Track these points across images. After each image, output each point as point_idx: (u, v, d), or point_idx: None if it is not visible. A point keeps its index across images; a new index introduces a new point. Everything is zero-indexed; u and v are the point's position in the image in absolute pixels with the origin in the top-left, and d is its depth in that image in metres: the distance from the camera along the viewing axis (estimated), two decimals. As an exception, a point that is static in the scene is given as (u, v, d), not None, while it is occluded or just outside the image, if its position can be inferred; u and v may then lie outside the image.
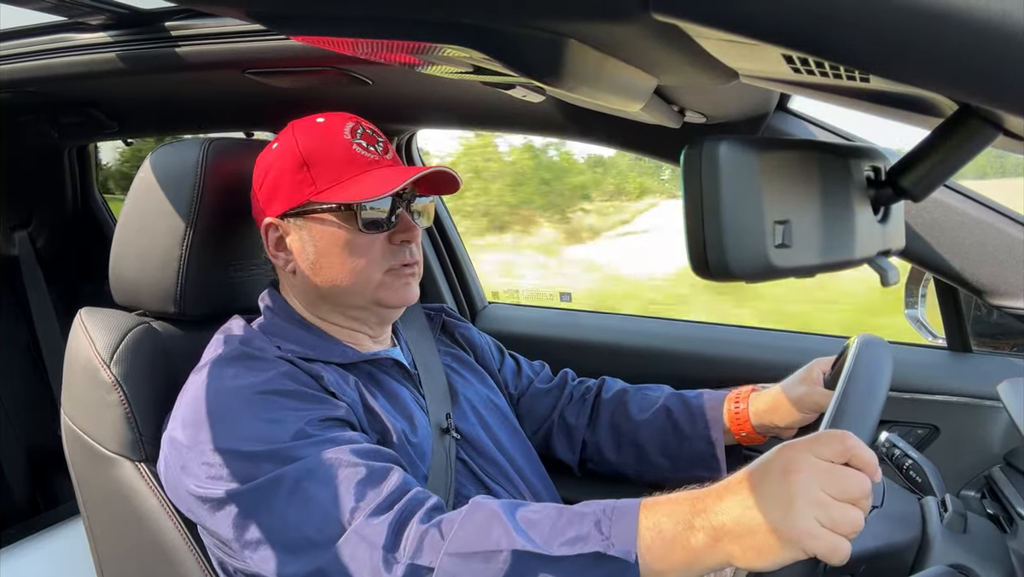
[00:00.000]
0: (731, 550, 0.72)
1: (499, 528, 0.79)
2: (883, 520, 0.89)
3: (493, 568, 0.77)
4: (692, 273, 0.49)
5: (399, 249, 1.05)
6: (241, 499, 0.88)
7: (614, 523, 0.77)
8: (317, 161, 1.02)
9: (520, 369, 1.35)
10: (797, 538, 0.69)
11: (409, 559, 0.80)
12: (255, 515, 0.87)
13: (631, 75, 0.65)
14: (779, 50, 0.46)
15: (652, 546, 0.75)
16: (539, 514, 0.82)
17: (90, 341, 1.07)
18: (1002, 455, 1.27)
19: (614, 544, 0.76)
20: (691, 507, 0.76)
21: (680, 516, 0.76)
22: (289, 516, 0.86)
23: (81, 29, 1.34)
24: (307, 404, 0.93)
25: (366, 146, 1.04)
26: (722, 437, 1.18)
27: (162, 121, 1.79)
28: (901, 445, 1.05)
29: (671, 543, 0.75)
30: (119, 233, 1.16)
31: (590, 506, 0.81)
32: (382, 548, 0.81)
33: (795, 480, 0.71)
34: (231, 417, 0.91)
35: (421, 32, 0.53)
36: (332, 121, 1.05)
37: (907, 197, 0.56)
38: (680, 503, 0.77)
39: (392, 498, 0.85)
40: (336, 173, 1.02)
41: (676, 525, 0.75)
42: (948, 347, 1.44)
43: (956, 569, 0.84)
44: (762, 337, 1.69)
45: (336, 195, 1.01)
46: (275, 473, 0.87)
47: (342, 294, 1.05)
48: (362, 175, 1.02)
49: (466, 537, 0.79)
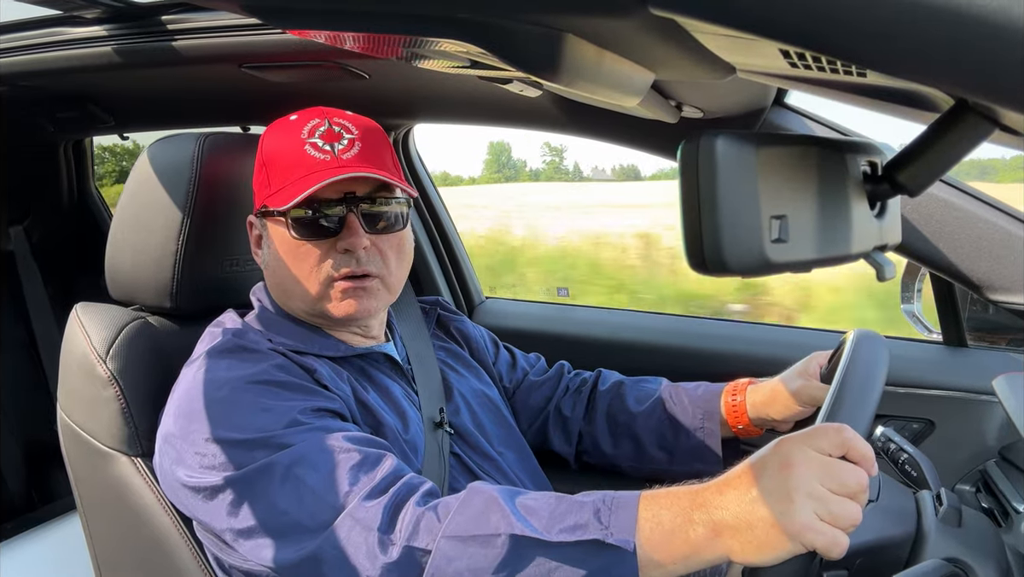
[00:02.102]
0: (730, 544, 0.73)
1: (497, 513, 0.79)
2: (879, 514, 0.90)
3: (491, 552, 0.77)
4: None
5: (344, 258, 1.00)
6: (234, 487, 0.88)
7: (613, 512, 0.77)
8: (271, 162, 1.01)
9: (515, 362, 1.35)
10: (797, 532, 0.69)
11: (405, 541, 0.80)
12: (248, 503, 0.87)
13: (628, 70, 0.65)
14: (776, 45, 0.46)
15: (651, 537, 0.75)
16: (538, 501, 0.82)
17: (86, 336, 1.07)
18: (997, 449, 1.27)
19: (613, 533, 0.76)
20: (690, 501, 0.76)
21: (679, 509, 0.76)
22: (281, 503, 0.85)
23: (76, 23, 1.34)
24: (300, 394, 0.93)
25: (321, 145, 0.99)
26: (719, 429, 1.18)
27: (158, 115, 1.79)
28: (897, 439, 1.05)
29: (670, 535, 0.75)
30: (115, 228, 1.15)
31: (589, 496, 0.81)
32: (377, 530, 0.80)
33: (793, 474, 0.71)
34: (224, 407, 0.91)
35: (418, 26, 0.53)
36: (300, 119, 1.02)
37: (903, 192, 0.56)
38: (680, 496, 0.77)
39: (387, 482, 0.85)
40: (283, 175, 0.99)
41: (675, 518, 0.75)
42: (944, 342, 1.44)
43: (951, 563, 0.84)
44: (759, 332, 1.69)
45: (276, 200, 0.98)
46: (267, 460, 0.86)
47: (292, 300, 1.04)
48: (303, 178, 0.97)
49: (464, 521, 0.79)
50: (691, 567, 0.76)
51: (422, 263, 1.85)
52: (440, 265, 1.92)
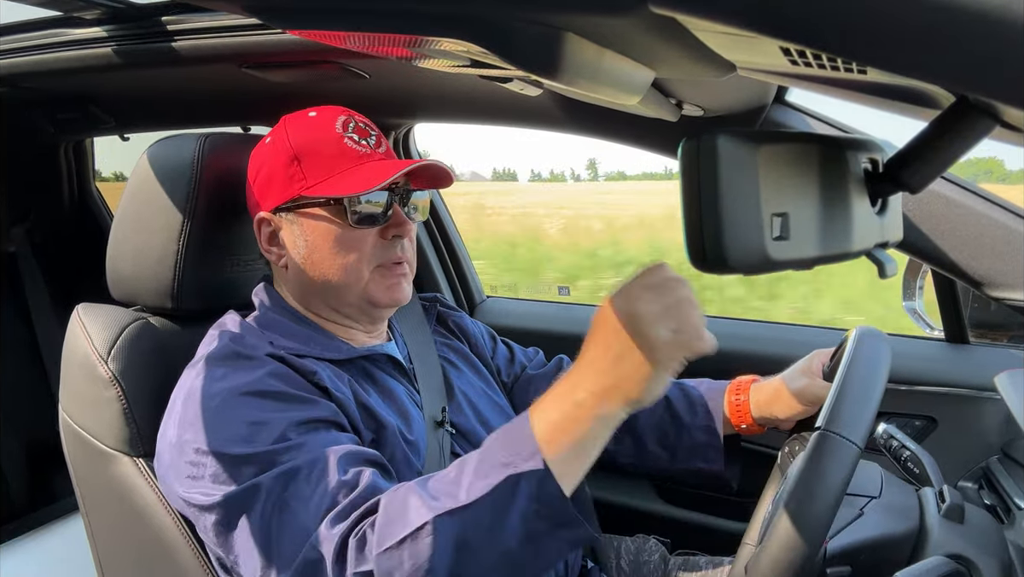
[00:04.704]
0: (618, 398, 0.76)
1: (415, 504, 0.79)
2: (881, 511, 0.90)
3: (424, 544, 0.76)
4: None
5: (390, 245, 1.04)
6: (218, 509, 0.88)
7: (511, 441, 0.78)
8: (308, 155, 1.02)
9: (513, 356, 1.35)
10: (667, 352, 0.74)
11: (354, 569, 0.79)
12: (230, 525, 0.88)
13: (629, 68, 0.65)
14: (777, 42, 0.46)
15: (550, 439, 0.76)
16: (445, 475, 0.82)
17: (87, 337, 1.07)
18: (999, 446, 1.27)
19: (518, 461, 0.76)
20: (567, 388, 0.78)
21: (561, 400, 0.78)
22: (261, 531, 0.86)
23: (77, 24, 1.34)
24: (293, 405, 0.93)
25: (358, 140, 1.03)
26: (722, 428, 1.18)
27: (159, 116, 1.79)
28: (899, 436, 1.05)
29: (563, 426, 0.77)
30: (116, 228, 1.15)
31: (485, 443, 0.82)
32: (334, 561, 0.80)
33: (633, 312, 0.74)
34: (215, 418, 0.91)
35: (419, 25, 0.53)
36: (324, 115, 1.05)
37: (904, 189, 0.56)
38: (556, 392, 0.79)
39: (354, 504, 0.84)
40: (327, 167, 1.01)
41: (561, 407, 0.77)
42: (946, 339, 1.44)
43: (953, 559, 0.84)
44: (760, 329, 1.69)
45: (326, 189, 1.01)
46: (251, 483, 0.86)
47: (332, 290, 1.05)
48: (353, 169, 1.01)
49: (389, 528, 0.79)
50: (600, 442, 0.78)
51: (423, 262, 1.86)
52: (441, 264, 1.92)
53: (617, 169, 51.27)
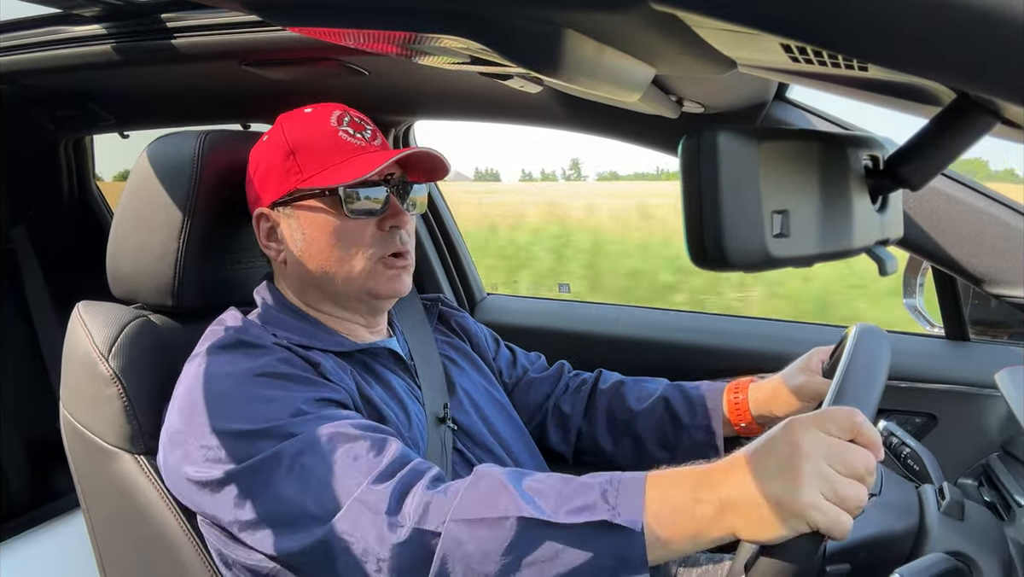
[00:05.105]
0: (736, 522, 0.73)
1: (505, 495, 0.79)
2: (881, 508, 0.90)
3: (499, 535, 0.77)
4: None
5: (389, 236, 1.04)
6: (239, 478, 0.88)
7: (620, 493, 0.77)
8: (303, 148, 1.03)
9: (515, 359, 1.35)
10: (801, 511, 0.69)
11: (415, 524, 0.79)
12: (254, 493, 0.87)
13: (629, 65, 0.65)
14: (777, 39, 0.45)
15: (658, 516, 0.75)
16: (544, 483, 0.81)
17: (88, 334, 1.07)
18: (999, 443, 1.27)
19: (620, 513, 0.75)
20: (697, 480, 0.76)
21: (686, 488, 0.76)
22: (288, 492, 0.85)
23: (76, 21, 1.34)
24: (304, 385, 0.93)
25: (353, 133, 1.04)
26: (722, 427, 1.18)
27: (159, 113, 1.79)
28: (899, 434, 1.05)
29: (677, 514, 0.75)
30: (116, 226, 1.15)
31: (596, 477, 0.81)
32: (386, 513, 0.80)
33: (802, 453, 0.71)
34: (227, 400, 0.92)
35: (419, 22, 0.53)
36: (319, 111, 1.06)
37: (905, 186, 0.56)
38: (686, 476, 0.77)
39: (394, 466, 0.85)
40: (322, 159, 1.02)
41: (682, 496, 0.75)
42: (946, 336, 1.44)
43: (953, 556, 0.84)
44: (760, 327, 1.69)
45: (321, 180, 1.01)
46: (273, 450, 0.87)
47: (332, 282, 1.05)
48: (348, 160, 1.02)
49: (472, 503, 0.79)
50: (699, 545, 0.76)
51: (424, 260, 1.85)
52: (441, 261, 1.92)
53: (609, 169, 51.34)
